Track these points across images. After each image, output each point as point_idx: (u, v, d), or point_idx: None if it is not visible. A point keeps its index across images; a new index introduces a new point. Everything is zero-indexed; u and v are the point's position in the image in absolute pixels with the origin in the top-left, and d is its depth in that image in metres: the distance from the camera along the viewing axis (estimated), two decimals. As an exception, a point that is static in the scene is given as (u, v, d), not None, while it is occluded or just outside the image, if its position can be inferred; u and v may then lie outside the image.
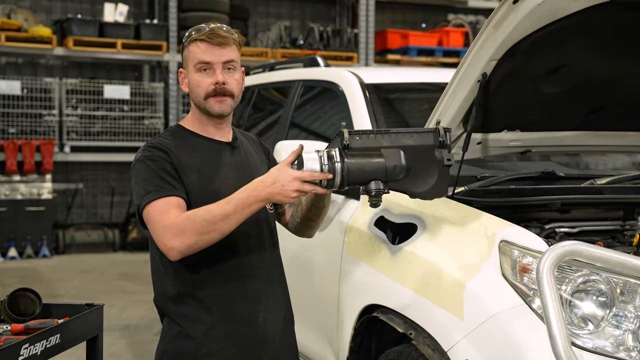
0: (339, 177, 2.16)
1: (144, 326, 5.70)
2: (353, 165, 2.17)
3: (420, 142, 2.30)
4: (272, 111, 4.39)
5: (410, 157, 2.27)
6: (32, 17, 8.90)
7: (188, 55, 2.34)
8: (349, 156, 2.18)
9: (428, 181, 2.32)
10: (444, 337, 2.37)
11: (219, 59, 2.30)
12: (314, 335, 3.30)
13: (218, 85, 2.29)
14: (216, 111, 2.33)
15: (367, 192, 2.22)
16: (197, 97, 2.34)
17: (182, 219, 2.15)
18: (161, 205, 2.18)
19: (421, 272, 2.55)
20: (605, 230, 2.77)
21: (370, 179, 2.20)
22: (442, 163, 2.31)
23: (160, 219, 2.17)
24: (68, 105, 8.74)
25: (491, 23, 2.42)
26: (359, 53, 9.96)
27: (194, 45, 2.32)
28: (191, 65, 2.33)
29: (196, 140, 2.37)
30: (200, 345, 2.28)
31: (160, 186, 2.21)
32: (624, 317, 2.15)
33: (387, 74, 4.42)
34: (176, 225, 2.14)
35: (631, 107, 2.99)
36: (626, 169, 4.01)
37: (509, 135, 2.95)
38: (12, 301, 2.51)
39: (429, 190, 2.33)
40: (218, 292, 2.31)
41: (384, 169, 2.21)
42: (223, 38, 2.30)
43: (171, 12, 9.09)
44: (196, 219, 2.14)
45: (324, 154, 2.17)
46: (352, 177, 2.18)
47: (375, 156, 2.22)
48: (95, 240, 9.05)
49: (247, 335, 2.33)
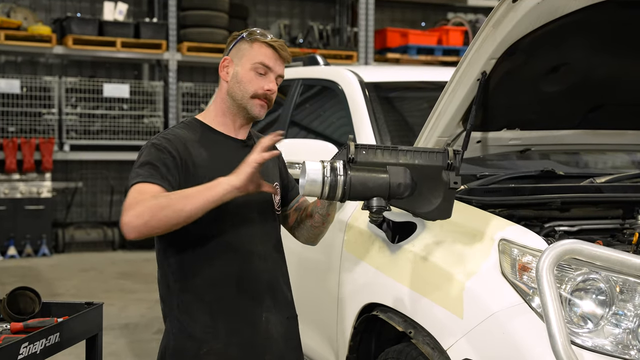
0: (340, 190, 2.14)
1: (143, 325, 5.70)
2: (356, 179, 2.15)
3: (427, 162, 2.27)
4: (271, 110, 4.37)
5: (416, 176, 2.24)
6: (32, 15, 8.90)
7: (249, 51, 2.36)
8: (352, 169, 2.16)
9: (433, 202, 2.28)
10: (444, 336, 2.38)
11: (278, 70, 2.38)
12: (313, 333, 3.30)
13: (269, 92, 2.36)
14: (256, 114, 2.37)
15: (368, 208, 2.20)
16: (242, 91, 2.35)
17: (147, 195, 2.10)
18: (139, 188, 2.14)
19: (420, 270, 2.56)
20: (604, 229, 2.77)
21: (372, 195, 2.18)
22: (448, 185, 2.27)
23: (129, 197, 2.13)
24: (67, 103, 8.73)
25: (491, 22, 2.41)
26: (358, 52, 9.96)
27: (260, 45, 2.36)
28: (248, 61, 2.35)
29: (211, 135, 2.38)
30: (203, 343, 2.28)
31: (152, 174, 2.18)
32: (624, 315, 2.15)
33: (386, 72, 4.42)
34: (137, 201, 2.09)
35: (631, 105, 2.99)
36: (626, 167, 4.01)
37: (509, 134, 2.95)
38: (11, 300, 2.51)
39: (433, 211, 2.30)
40: (221, 291, 2.31)
41: (388, 186, 2.19)
42: (287, 54, 2.39)
43: (171, 10, 9.08)
44: (157, 198, 2.09)
45: (328, 165, 2.15)
46: (353, 192, 2.16)
47: (379, 172, 2.19)
48: (94, 239, 9.05)
49: (250, 334, 2.33)
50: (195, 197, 2.10)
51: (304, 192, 2.15)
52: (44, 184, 8.63)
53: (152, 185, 2.15)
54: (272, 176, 2.47)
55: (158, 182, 2.17)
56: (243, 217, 2.32)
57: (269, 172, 2.44)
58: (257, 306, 2.35)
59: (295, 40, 9.93)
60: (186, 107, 9.28)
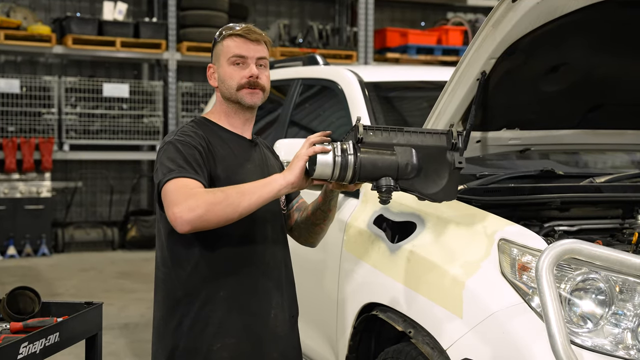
0: (350, 170, 2.17)
1: (143, 324, 5.70)
2: (366, 159, 2.18)
3: (432, 142, 2.30)
4: (271, 109, 4.39)
5: (421, 157, 2.27)
6: (31, 15, 8.90)
7: (222, 49, 2.39)
8: (361, 151, 2.19)
9: (438, 183, 2.32)
10: (443, 336, 2.38)
11: (254, 54, 2.37)
12: (313, 333, 3.30)
13: (252, 79, 2.36)
14: (248, 102, 2.37)
15: (378, 188, 2.22)
16: (228, 88, 2.37)
17: (202, 190, 2.12)
18: (180, 183, 2.13)
19: (420, 270, 2.56)
20: (604, 229, 2.77)
21: (382, 174, 2.21)
22: (453, 166, 2.30)
23: (174, 191, 2.11)
24: (67, 103, 8.73)
25: (490, 21, 2.42)
26: (358, 51, 9.96)
27: (229, 39, 2.38)
28: (224, 59, 2.38)
29: (223, 133, 2.41)
30: (216, 338, 2.29)
31: (183, 167, 2.17)
32: (623, 315, 2.15)
33: (386, 72, 4.42)
34: (188, 194, 2.09)
35: (630, 105, 2.99)
36: (625, 167, 4.01)
37: (508, 134, 2.95)
38: (11, 300, 2.51)
39: (439, 192, 2.33)
40: (233, 288, 2.32)
41: (397, 165, 2.22)
42: (259, 34, 2.39)
43: (170, 10, 9.08)
44: (210, 190, 2.12)
45: (338, 146, 2.18)
46: (364, 172, 2.18)
47: (387, 153, 2.23)
48: (94, 238, 9.05)
49: (260, 330, 2.35)
50: (251, 193, 2.13)
51: (315, 174, 2.17)
52: (44, 183, 8.63)
53: (188, 180, 2.15)
54: (277, 170, 2.49)
55: (194, 177, 2.16)
56: (256, 215, 2.30)
57: (272, 171, 2.45)
58: (267, 302, 2.37)
59: (294, 40, 9.92)
60: (186, 106, 9.28)
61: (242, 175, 2.33)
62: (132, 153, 9.16)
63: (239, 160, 2.37)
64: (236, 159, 2.36)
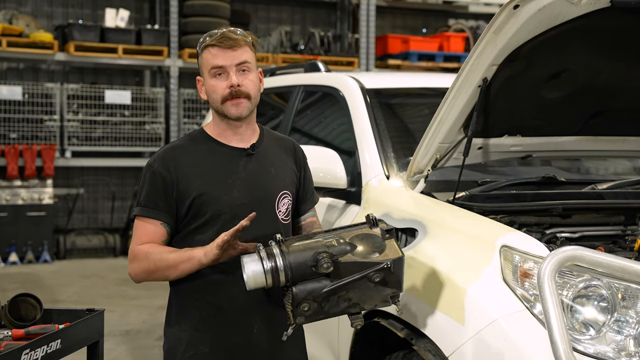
0: (282, 274, 2.08)
1: (144, 331, 5.69)
2: (293, 252, 2.10)
3: (354, 227, 2.22)
4: (273, 116, 4.39)
5: (350, 239, 2.18)
6: (34, 22, 8.92)
7: (202, 62, 2.36)
8: (286, 246, 2.12)
9: (377, 249, 2.18)
10: (445, 343, 2.37)
11: (231, 61, 2.31)
12: (314, 340, 3.29)
13: (233, 88, 2.31)
14: (233, 114, 2.34)
15: (318, 268, 2.07)
16: (214, 102, 2.36)
17: (143, 252, 2.31)
18: (140, 227, 2.35)
19: (422, 277, 2.55)
20: (606, 236, 2.77)
21: (315, 253, 2.10)
22: (383, 235, 2.20)
23: (134, 239, 2.36)
24: (69, 110, 8.74)
25: (492, 28, 2.42)
26: (359, 58, 9.97)
27: (206, 51, 2.34)
28: (206, 71, 2.35)
29: (211, 146, 2.39)
30: (190, 345, 2.33)
31: (146, 205, 2.33)
32: (626, 322, 2.14)
33: (387, 79, 4.42)
34: (135, 255, 2.33)
35: (632, 111, 2.99)
36: (627, 173, 4.01)
37: (510, 140, 2.95)
38: (12, 306, 2.51)
39: (382, 255, 2.16)
40: (218, 298, 2.33)
41: (323, 244, 2.12)
42: (234, 40, 2.31)
43: (172, 17, 9.10)
44: (149, 258, 2.29)
45: (264, 252, 2.11)
46: (295, 263, 2.08)
47: (312, 237, 2.17)
48: (96, 245, 9.05)
49: (239, 343, 2.35)
50: (175, 267, 2.27)
51: (249, 286, 2.11)
52: (46, 190, 8.63)
53: (147, 224, 2.33)
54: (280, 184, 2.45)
55: (155, 217, 2.33)
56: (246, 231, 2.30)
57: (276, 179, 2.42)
58: (250, 317, 2.35)
59: (296, 47, 9.94)
60: (187, 113, 9.29)
61: (222, 191, 2.33)
62: (134, 160, 9.16)
63: (225, 174, 2.35)
64: (217, 173, 2.35)
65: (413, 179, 2.97)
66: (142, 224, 2.35)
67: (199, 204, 2.31)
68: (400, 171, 3.16)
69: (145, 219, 2.34)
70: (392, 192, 3.07)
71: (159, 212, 2.33)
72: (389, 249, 2.18)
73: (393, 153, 3.26)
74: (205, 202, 2.31)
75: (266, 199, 2.39)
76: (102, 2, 9.49)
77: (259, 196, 2.37)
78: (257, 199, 2.36)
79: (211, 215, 2.31)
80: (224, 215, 2.31)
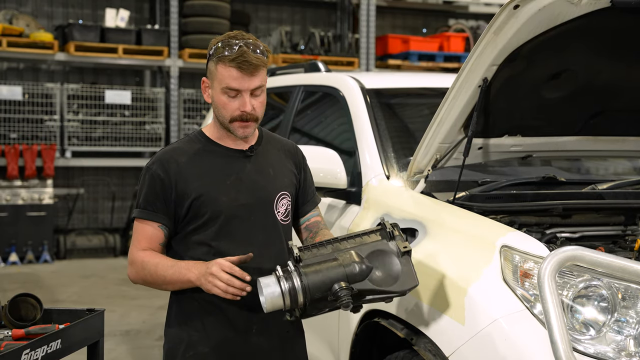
0: (301, 295, 2.09)
1: (145, 331, 5.69)
2: (312, 276, 2.10)
3: (369, 240, 2.23)
4: (273, 116, 4.39)
5: (367, 256, 2.19)
6: (34, 22, 8.92)
7: (215, 73, 2.29)
8: (304, 269, 2.12)
9: (395, 273, 2.21)
10: (446, 343, 2.37)
11: (248, 86, 2.27)
12: (314, 340, 3.29)
13: (245, 113, 2.30)
14: (240, 135, 2.35)
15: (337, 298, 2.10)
16: (221, 117, 2.34)
17: (139, 261, 2.34)
18: (139, 229, 2.37)
19: (422, 277, 2.55)
20: (606, 236, 2.77)
21: (333, 283, 2.11)
22: (400, 253, 2.22)
23: (133, 242, 2.38)
24: (69, 110, 8.74)
25: (492, 28, 2.42)
26: (359, 58, 9.97)
27: (223, 67, 2.26)
28: (218, 84, 2.29)
29: (210, 148, 2.40)
30: (190, 346, 2.34)
31: (145, 207, 2.35)
32: (626, 322, 2.14)
33: (388, 79, 4.42)
34: (133, 262, 2.36)
35: (632, 111, 2.99)
36: (627, 174, 4.01)
37: (510, 140, 2.95)
38: (13, 306, 2.51)
39: (399, 282, 2.21)
40: (218, 298, 2.31)
41: (344, 270, 2.13)
42: (254, 67, 2.25)
43: (172, 17, 9.10)
44: (145, 268, 2.32)
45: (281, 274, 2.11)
46: (313, 288, 2.09)
47: (330, 261, 2.15)
48: (96, 245, 9.05)
49: (239, 343, 2.35)
50: (171, 283, 2.30)
51: (267, 308, 2.11)
52: (46, 190, 8.63)
53: (145, 227, 2.35)
54: (279, 186, 2.45)
55: (153, 219, 2.34)
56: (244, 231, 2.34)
57: (275, 181, 2.42)
58: (249, 317, 2.35)
59: (296, 47, 9.94)
60: (188, 113, 9.29)
61: (220, 192, 2.33)
62: (134, 160, 9.17)
63: (224, 175, 2.36)
64: (215, 174, 2.35)
65: (413, 179, 2.97)
66: (141, 226, 2.37)
67: (198, 205, 2.32)
68: (400, 171, 3.16)
69: (143, 221, 2.36)
70: (392, 192, 3.07)
71: (157, 214, 2.34)
72: (406, 275, 2.21)
73: (393, 153, 3.26)
74: (204, 203, 2.32)
75: (265, 200, 2.39)
76: (102, 2, 9.49)
77: (257, 197, 2.37)
78: (256, 199, 2.37)
79: (210, 216, 2.32)
80: (222, 216, 2.32)
